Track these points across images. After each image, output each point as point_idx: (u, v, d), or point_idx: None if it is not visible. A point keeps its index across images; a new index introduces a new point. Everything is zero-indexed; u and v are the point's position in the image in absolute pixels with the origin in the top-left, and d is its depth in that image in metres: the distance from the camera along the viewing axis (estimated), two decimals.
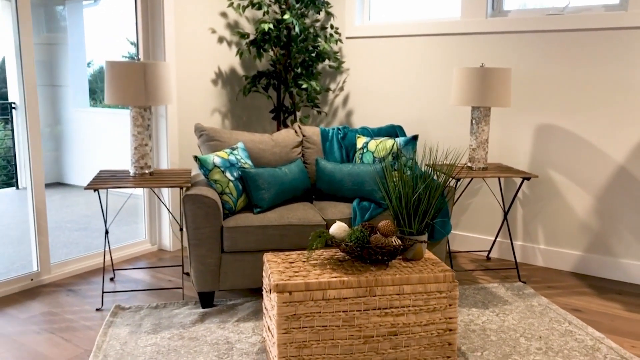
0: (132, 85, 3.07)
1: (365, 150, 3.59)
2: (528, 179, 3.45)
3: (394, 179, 2.66)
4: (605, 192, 3.63)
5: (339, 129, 3.82)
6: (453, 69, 4.01)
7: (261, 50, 4.34)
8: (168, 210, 3.98)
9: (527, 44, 3.79)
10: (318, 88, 4.28)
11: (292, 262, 2.55)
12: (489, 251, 4.07)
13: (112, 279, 3.55)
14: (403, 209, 2.59)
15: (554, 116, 3.76)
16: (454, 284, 2.46)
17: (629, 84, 3.48)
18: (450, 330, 2.49)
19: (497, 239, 4.07)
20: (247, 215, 3.14)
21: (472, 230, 4.18)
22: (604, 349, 2.67)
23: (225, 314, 3.02)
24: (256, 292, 3.34)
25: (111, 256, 3.63)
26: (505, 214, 3.74)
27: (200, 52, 4.21)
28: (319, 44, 4.36)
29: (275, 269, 2.46)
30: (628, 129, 3.51)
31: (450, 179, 3.04)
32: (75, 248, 4.25)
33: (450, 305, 2.47)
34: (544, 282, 3.60)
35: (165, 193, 4.07)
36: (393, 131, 3.83)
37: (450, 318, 2.48)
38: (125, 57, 5.91)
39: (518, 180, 3.94)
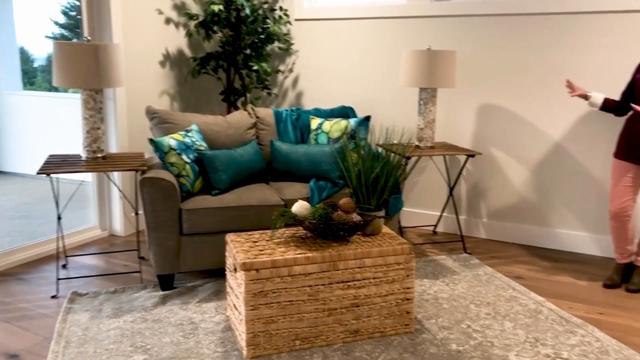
0: (84, 68, 3.00)
1: (319, 131, 3.67)
2: (472, 156, 3.65)
3: (353, 158, 2.76)
4: (542, 168, 3.89)
5: (292, 110, 3.88)
6: (401, 52, 4.14)
7: (210, 32, 4.30)
8: (122, 194, 3.92)
9: (471, 27, 3.97)
10: (268, 70, 4.31)
11: (256, 242, 2.61)
12: (436, 225, 4.27)
13: (64, 266, 3.48)
14: (362, 186, 2.70)
15: (495, 97, 3.97)
16: (411, 255, 2.60)
17: (564, 67, 3.72)
18: (408, 299, 2.63)
19: (443, 214, 4.28)
20: (205, 198, 3.15)
21: (419, 206, 4.37)
22: (545, 311, 2.91)
23: (187, 295, 3.05)
24: (215, 273, 3.37)
25: (64, 243, 3.55)
26: (451, 190, 3.93)
27: (147, 33, 4.12)
28: (268, 25, 4.37)
29: (240, 248, 2.51)
30: (562, 109, 3.76)
31: (404, 157, 3.18)
32: (19, 236, 4.11)
33: (407, 276, 2.61)
34: (487, 252, 3.83)
35: (116, 178, 4.00)
36: (345, 112, 3.92)
37: (407, 288, 2.62)
38: (50, 37, 5.65)
39: (462, 158, 4.14)
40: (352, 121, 3.66)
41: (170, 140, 3.19)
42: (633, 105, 2.98)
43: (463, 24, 3.98)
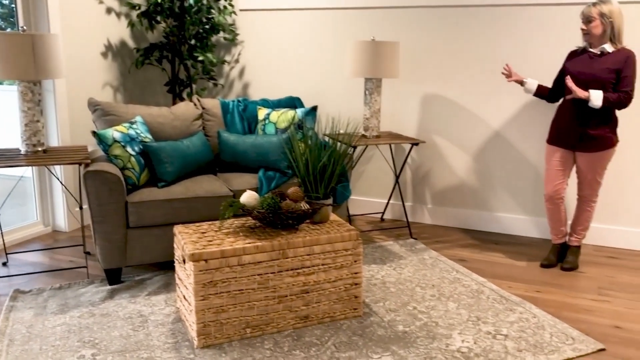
0: (20, 59, 2.90)
1: (267, 122, 3.69)
2: (416, 144, 3.75)
3: (300, 148, 2.80)
4: (482, 154, 4.04)
5: (239, 101, 3.87)
6: (347, 42, 4.19)
7: (153, 22, 4.23)
8: (65, 188, 3.81)
9: (412, 18, 4.06)
10: (214, 60, 4.27)
11: (205, 232, 2.61)
12: (383, 213, 4.38)
13: (4, 264, 3.37)
14: (310, 175, 2.74)
15: (437, 86, 4.09)
16: (359, 241, 2.67)
17: (503, 57, 3.87)
18: (356, 284, 2.71)
19: (390, 201, 4.38)
20: (151, 190, 3.12)
21: (367, 194, 4.46)
22: (487, 291, 3.05)
23: (135, 289, 3.02)
24: (164, 266, 3.35)
25: (3, 240, 3.43)
26: (397, 177, 4.04)
27: (87, 23, 4.01)
28: (213, 16, 4.33)
29: (188, 239, 2.51)
30: (501, 98, 3.92)
31: (350, 146, 3.24)
32: None
33: (355, 261, 2.68)
34: (432, 237, 3.96)
35: (59, 172, 3.88)
36: (292, 103, 3.95)
37: (355, 273, 2.69)
38: None
39: (407, 146, 4.25)
40: (299, 111, 3.69)
41: (114, 133, 3.13)
42: (568, 81, 3.12)
43: (405, 15, 4.07)
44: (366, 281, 3.15)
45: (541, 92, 3.42)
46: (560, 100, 3.37)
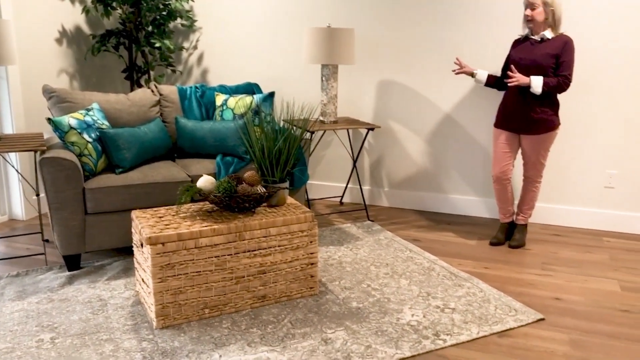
0: None
1: (225, 108, 3.73)
2: (372, 129, 3.86)
3: (256, 133, 2.86)
4: (435, 138, 4.18)
5: (196, 87, 3.90)
6: (303, 29, 4.25)
7: (108, 8, 4.20)
8: (21, 176, 3.78)
9: (368, 6, 4.15)
10: (172, 47, 4.28)
11: (162, 217, 2.66)
12: (342, 196, 4.49)
13: None
14: (266, 160, 2.81)
15: (392, 72, 4.20)
16: (314, 223, 2.76)
17: (450, 43, 4.00)
18: (312, 264, 2.80)
19: (348, 185, 4.50)
20: (109, 176, 3.14)
21: (326, 179, 4.56)
22: (438, 268, 3.19)
23: (94, 274, 3.04)
24: (124, 251, 3.38)
25: None
26: (354, 162, 4.15)
27: (40, 9, 3.95)
28: (170, 2, 4.32)
29: (145, 223, 2.55)
30: (451, 82, 4.05)
31: (306, 131, 3.32)
32: None
33: (311, 242, 2.78)
34: (388, 219, 4.09)
35: (14, 159, 3.85)
36: (250, 89, 4.00)
37: (311, 253, 2.79)
38: None
39: (364, 131, 4.36)
40: (257, 97, 3.74)
41: (70, 120, 3.13)
42: (510, 70, 3.27)
43: (362, 2, 4.15)
44: (323, 261, 3.25)
45: (491, 82, 3.56)
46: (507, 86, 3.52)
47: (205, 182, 2.69)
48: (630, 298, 2.88)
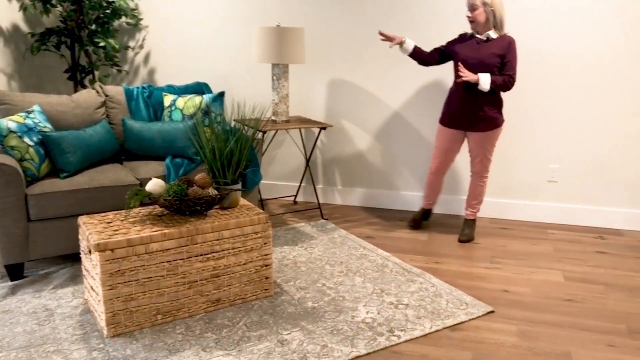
0: None
1: (173, 108, 3.66)
2: (324, 128, 3.87)
3: (207, 134, 2.82)
4: (386, 136, 4.24)
5: (143, 87, 3.80)
6: (253, 27, 4.22)
7: (48, 6, 4.04)
8: None
9: (317, 5, 4.15)
10: (117, 46, 4.15)
11: (110, 222, 2.58)
12: (295, 196, 4.48)
13: None
14: (217, 161, 2.78)
15: (342, 71, 4.22)
16: (268, 224, 2.74)
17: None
18: (266, 265, 2.79)
19: (302, 184, 4.50)
20: (53, 181, 3.03)
21: (280, 178, 4.54)
22: (391, 264, 3.24)
23: (40, 283, 2.93)
24: (70, 258, 3.27)
25: None
26: (307, 161, 4.15)
27: None
28: (114, 0, 4.20)
29: (93, 229, 2.48)
30: (400, 80, 4.11)
31: (258, 131, 3.29)
32: None
33: (265, 243, 2.76)
34: (342, 217, 4.12)
35: None
36: (199, 88, 3.93)
37: (265, 255, 2.77)
38: None
39: (316, 130, 4.37)
40: (207, 97, 3.69)
41: (8, 123, 2.99)
42: (460, 67, 3.35)
43: (312, 1, 4.15)
44: (278, 262, 3.24)
45: (416, 54, 3.55)
46: (452, 84, 3.59)
47: (154, 185, 2.64)
48: (573, 287, 3.00)
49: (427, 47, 3.99)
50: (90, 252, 2.45)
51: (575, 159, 3.93)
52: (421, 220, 3.89)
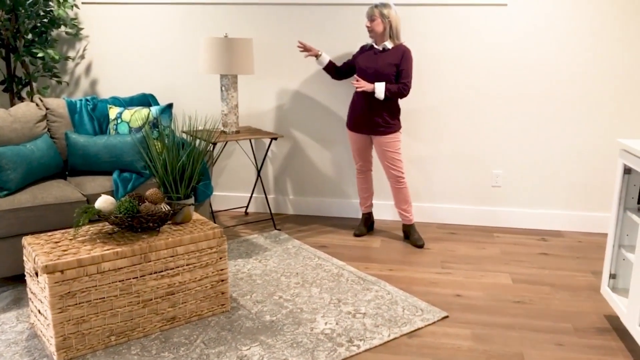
0: None
1: (119, 121, 3.55)
2: (275, 139, 3.86)
3: (157, 148, 2.76)
4: (334, 144, 4.28)
5: (87, 99, 3.68)
6: (199, 38, 4.16)
7: None
8: None
9: (265, 15, 4.15)
10: (56, 57, 4.00)
11: (58, 242, 2.48)
12: (247, 207, 4.45)
13: None
14: (169, 175, 2.72)
15: (291, 81, 4.23)
16: (223, 239, 2.71)
17: (343, 52, 4.10)
18: (222, 280, 2.75)
19: (253, 195, 4.46)
20: None
21: (230, 189, 4.49)
22: (346, 273, 3.26)
23: None
24: (12, 279, 3.11)
25: None
26: (258, 171, 4.13)
27: None
28: (52, 8, 4.04)
29: (40, 250, 2.37)
30: (347, 89, 4.16)
31: (210, 143, 3.25)
32: None
33: (220, 258, 2.72)
34: (295, 227, 4.12)
35: None
36: (145, 100, 3.84)
37: (221, 270, 2.74)
38: None
39: (267, 141, 4.35)
40: (154, 109, 3.61)
41: None
42: (356, 79, 3.55)
43: (258, 11, 4.15)
44: (233, 276, 3.20)
45: (329, 68, 3.83)
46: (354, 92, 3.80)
47: (104, 202, 2.55)
48: (521, 289, 3.12)
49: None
50: (37, 274, 2.34)
51: (517, 164, 4.09)
52: (366, 230, 3.99)
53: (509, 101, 4.01)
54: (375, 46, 3.61)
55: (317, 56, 3.76)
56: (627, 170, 2.57)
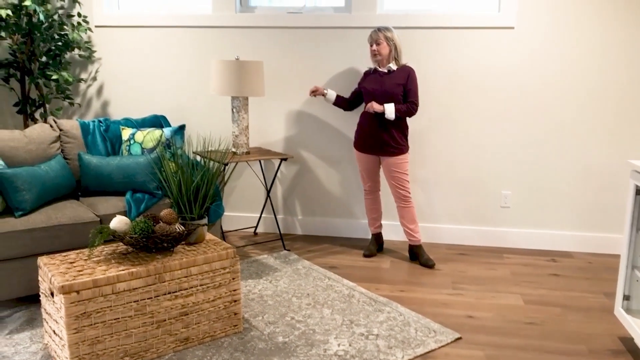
0: None
1: (132, 142, 3.59)
2: (285, 159, 3.90)
3: (171, 168, 2.79)
4: (344, 165, 4.30)
5: (100, 121, 3.73)
6: (210, 61, 4.22)
7: None
8: None
9: (274, 38, 4.21)
10: (70, 79, 4.06)
11: (73, 262, 2.50)
12: (256, 227, 4.46)
13: None
14: (184, 196, 2.74)
15: (300, 103, 4.28)
16: (236, 259, 2.72)
17: (352, 74, 4.16)
18: (235, 301, 2.76)
19: (262, 215, 4.48)
20: (7, 220, 2.90)
21: (240, 209, 4.51)
22: (357, 294, 3.26)
23: None
24: (26, 300, 3.12)
25: None
26: (268, 192, 4.15)
27: None
28: (67, 32, 4.12)
29: (56, 271, 2.38)
30: (355, 110, 4.20)
31: (222, 164, 3.28)
32: None
33: (233, 278, 2.73)
34: (304, 247, 4.13)
35: None
36: (157, 121, 3.89)
37: (234, 290, 2.74)
38: None
39: (277, 161, 4.39)
40: (167, 130, 3.65)
41: None
42: (372, 105, 3.62)
43: (268, 34, 4.21)
44: (244, 296, 3.21)
45: (339, 102, 3.93)
46: (362, 111, 3.85)
47: (119, 222, 2.57)
48: (533, 310, 3.11)
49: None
50: (53, 294, 2.35)
51: (526, 185, 4.11)
52: (376, 250, 4.01)
53: (517, 122, 4.04)
54: (380, 69, 3.69)
55: (323, 95, 3.88)
56: (639, 192, 2.58)
